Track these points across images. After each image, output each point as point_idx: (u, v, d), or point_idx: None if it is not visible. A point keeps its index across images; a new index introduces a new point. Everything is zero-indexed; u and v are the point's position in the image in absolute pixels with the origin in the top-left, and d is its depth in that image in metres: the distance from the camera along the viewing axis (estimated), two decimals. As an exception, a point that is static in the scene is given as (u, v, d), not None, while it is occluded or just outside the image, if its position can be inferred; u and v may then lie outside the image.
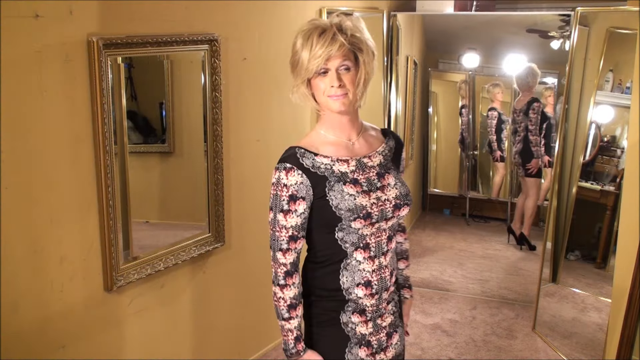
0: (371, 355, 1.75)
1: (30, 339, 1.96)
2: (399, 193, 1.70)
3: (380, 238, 1.69)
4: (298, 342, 1.70)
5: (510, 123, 4.44)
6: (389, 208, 1.67)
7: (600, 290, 3.59)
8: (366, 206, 1.63)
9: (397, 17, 4.14)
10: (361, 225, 1.63)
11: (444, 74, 4.69)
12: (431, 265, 4.58)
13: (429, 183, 4.93)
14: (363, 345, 1.73)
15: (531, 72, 4.20)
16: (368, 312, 1.72)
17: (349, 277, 1.68)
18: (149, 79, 2.49)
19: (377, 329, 1.75)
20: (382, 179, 1.69)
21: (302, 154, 1.64)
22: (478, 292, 4.21)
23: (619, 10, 3.43)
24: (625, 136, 3.37)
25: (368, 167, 1.69)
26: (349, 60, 1.60)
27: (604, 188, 3.55)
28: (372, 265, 1.68)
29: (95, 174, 2.09)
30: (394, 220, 1.71)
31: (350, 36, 1.60)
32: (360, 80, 1.62)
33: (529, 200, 4.40)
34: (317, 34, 1.59)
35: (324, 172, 1.63)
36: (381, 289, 1.72)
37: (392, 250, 1.75)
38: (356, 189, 1.63)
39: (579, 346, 3.39)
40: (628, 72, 3.35)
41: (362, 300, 1.70)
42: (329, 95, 1.61)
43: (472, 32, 4.45)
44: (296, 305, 1.68)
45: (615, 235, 3.18)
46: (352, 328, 1.72)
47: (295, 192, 1.61)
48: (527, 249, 4.51)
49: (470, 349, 3.43)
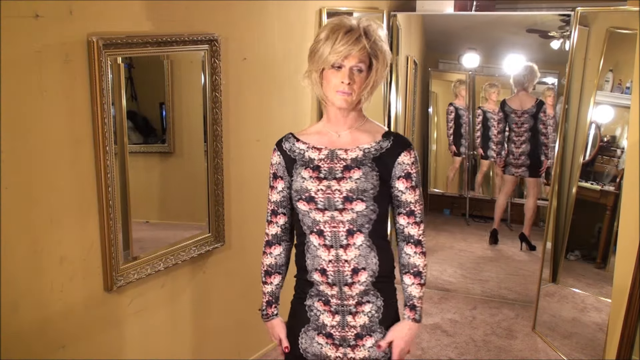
0: (332, 346, 1.81)
1: (30, 339, 1.96)
2: (355, 187, 1.72)
3: (337, 229, 1.73)
4: (269, 307, 1.90)
5: (500, 122, 4.43)
6: (338, 198, 1.72)
7: (600, 290, 3.59)
8: (310, 190, 1.73)
9: (397, 17, 4.14)
10: (305, 208, 1.74)
11: (444, 74, 4.69)
12: (431, 265, 4.58)
13: (429, 183, 4.93)
14: (321, 334, 1.81)
15: (530, 71, 4.19)
16: (333, 305, 1.79)
17: (310, 260, 1.78)
18: (149, 79, 2.49)
19: (344, 325, 1.80)
20: (346, 172, 1.73)
21: (287, 138, 1.83)
22: (478, 292, 4.21)
23: (619, 10, 3.43)
24: (625, 136, 3.37)
25: (339, 159, 1.75)
26: (364, 63, 1.69)
27: (604, 188, 3.55)
28: (328, 254, 1.75)
29: (95, 174, 2.09)
30: (350, 214, 1.72)
31: (372, 42, 1.69)
32: (369, 85, 1.72)
33: (530, 200, 4.40)
34: (344, 31, 1.68)
35: (297, 156, 1.78)
36: (339, 282, 1.76)
37: (356, 246, 1.74)
38: (311, 174, 1.74)
39: (579, 346, 3.39)
40: (628, 72, 3.35)
41: (321, 287, 1.79)
42: (336, 90, 1.70)
43: (472, 32, 4.45)
44: (272, 273, 1.88)
45: (615, 235, 3.18)
46: (316, 314, 1.82)
47: (275, 170, 1.82)
48: (527, 248, 4.51)
49: (470, 349, 3.43)
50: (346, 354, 1.81)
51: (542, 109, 4.23)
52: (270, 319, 1.91)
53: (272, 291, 1.89)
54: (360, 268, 1.75)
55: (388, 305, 1.82)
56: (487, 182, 4.71)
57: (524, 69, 4.22)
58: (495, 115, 4.47)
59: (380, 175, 1.75)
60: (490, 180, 4.68)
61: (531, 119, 4.28)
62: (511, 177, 4.44)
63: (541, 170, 4.32)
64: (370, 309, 1.79)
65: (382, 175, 1.75)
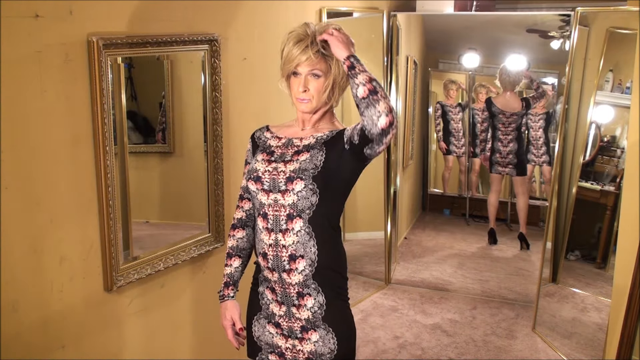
0: (282, 337, 1.87)
1: (30, 339, 1.95)
2: (298, 167, 1.76)
3: (279, 213, 1.78)
4: (226, 288, 1.96)
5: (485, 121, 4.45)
6: (282, 179, 1.77)
7: (600, 290, 3.59)
8: (259, 170, 1.82)
9: (397, 17, 4.14)
10: (254, 188, 1.82)
11: (444, 74, 4.69)
12: (431, 265, 4.58)
13: (429, 183, 4.93)
14: (271, 323, 1.89)
15: (520, 72, 4.22)
16: (278, 292, 1.84)
17: (257, 244, 1.86)
18: (149, 79, 2.49)
19: (290, 316, 1.84)
20: (295, 155, 1.79)
21: (261, 128, 1.96)
22: (478, 292, 4.22)
23: (619, 10, 3.44)
24: (625, 136, 3.37)
25: (293, 145, 1.83)
26: (319, 68, 1.76)
27: (604, 188, 3.55)
28: (269, 238, 1.80)
29: (95, 174, 2.09)
30: (291, 196, 1.75)
31: (322, 47, 1.74)
32: (328, 87, 1.77)
33: (520, 200, 4.42)
34: (293, 40, 1.76)
35: (260, 143, 1.91)
36: (278, 267, 1.80)
37: (294, 232, 1.75)
38: (264, 157, 1.84)
39: (579, 346, 3.39)
40: (628, 72, 3.35)
41: (265, 272, 1.85)
42: (295, 97, 1.82)
43: (472, 32, 4.45)
44: (232, 256, 1.95)
45: (615, 235, 3.18)
46: (266, 303, 1.89)
47: (247, 157, 1.96)
48: (525, 248, 4.52)
49: (470, 349, 3.43)
50: (295, 345, 1.85)
51: (530, 107, 4.26)
52: (225, 300, 1.96)
53: (231, 273, 1.95)
54: (297, 255, 1.77)
55: (331, 304, 1.81)
56: (486, 182, 4.71)
57: (512, 70, 4.24)
58: (480, 114, 4.49)
59: (327, 156, 1.75)
60: (488, 179, 4.69)
61: (519, 118, 4.30)
62: (497, 176, 4.46)
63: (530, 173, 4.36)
64: (313, 304, 1.80)
65: (328, 156, 1.75)
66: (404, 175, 4.58)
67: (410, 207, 4.88)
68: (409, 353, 3.36)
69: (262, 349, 1.93)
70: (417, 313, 3.87)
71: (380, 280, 4.35)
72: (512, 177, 4.45)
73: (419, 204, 5.00)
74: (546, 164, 4.36)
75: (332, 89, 1.79)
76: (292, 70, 1.78)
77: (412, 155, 4.70)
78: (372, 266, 4.41)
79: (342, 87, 1.82)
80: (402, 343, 3.47)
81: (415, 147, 4.74)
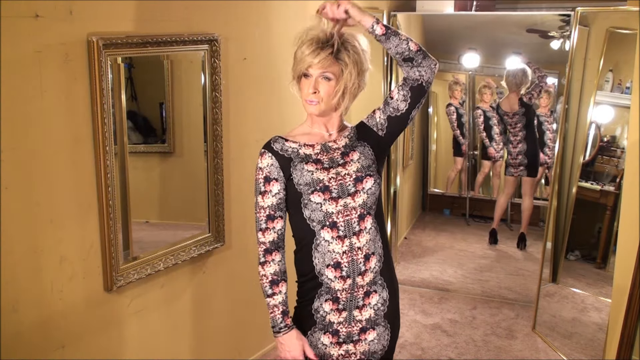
0: (336, 344, 1.80)
1: (30, 339, 1.96)
2: (360, 166, 1.76)
3: (350, 217, 1.73)
4: (286, 317, 1.77)
5: (499, 124, 4.45)
6: (350, 182, 1.73)
7: (600, 290, 3.59)
8: (323, 179, 1.72)
9: (397, 17, 4.14)
10: (321, 199, 1.71)
11: (444, 74, 4.69)
12: (431, 265, 4.58)
13: (429, 183, 4.93)
14: (328, 332, 1.79)
15: (524, 74, 4.22)
16: (342, 300, 1.77)
17: (320, 259, 1.74)
18: (149, 79, 2.49)
19: (350, 320, 1.79)
20: (346, 157, 1.77)
21: (275, 139, 1.80)
22: (478, 292, 4.21)
23: (619, 10, 3.43)
24: (625, 136, 3.37)
25: (332, 149, 1.79)
26: (331, 71, 1.71)
27: (604, 188, 3.55)
28: (342, 245, 1.72)
29: (95, 174, 2.09)
30: (361, 196, 1.74)
31: (336, 50, 1.70)
32: (339, 92, 1.72)
33: (526, 200, 4.42)
34: (307, 41, 1.71)
35: (291, 154, 1.76)
36: (353, 272, 1.74)
37: (367, 231, 1.75)
38: (316, 167, 1.75)
39: (579, 346, 3.39)
40: (628, 72, 3.35)
41: (334, 283, 1.74)
42: (305, 99, 1.75)
43: (472, 32, 4.45)
44: (278, 282, 1.77)
45: (615, 235, 3.18)
46: (322, 315, 1.78)
47: (268, 173, 1.77)
48: (522, 248, 4.52)
49: (470, 349, 3.43)
50: (348, 350, 1.82)
51: (528, 105, 4.26)
52: (290, 330, 1.77)
53: (284, 300, 1.77)
54: (370, 253, 1.76)
55: (393, 296, 1.84)
56: (487, 182, 4.71)
57: (518, 71, 4.24)
58: (494, 115, 4.49)
59: (373, 149, 1.80)
60: (490, 180, 4.68)
61: (522, 118, 4.30)
62: (511, 178, 4.45)
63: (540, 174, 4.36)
64: (377, 301, 1.80)
65: (372, 147, 1.80)
66: (404, 175, 4.58)
67: (410, 207, 4.88)
68: (409, 353, 3.36)
69: None
70: (417, 313, 3.87)
71: (380, 280, 4.35)
72: (521, 177, 4.45)
73: (419, 204, 5.00)
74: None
75: (343, 94, 1.73)
76: (303, 71, 1.73)
77: (412, 155, 4.69)
78: (372, 266, 4.40)
79: (354, 93, 1.76)
80: (402, 343, 3.47)
81: (415, 147, 4.74)
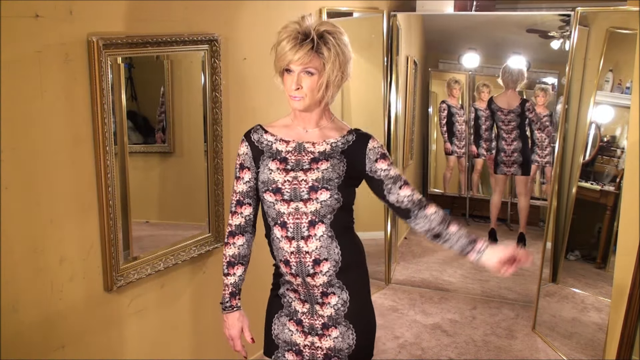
0: (302, 334, 1.86)
1: (30, 339, 1.96)
2: (321, 177, 1.75)
3: (300, 221, 1.75)
4: (233, 298, 1.89)
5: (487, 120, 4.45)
6: (304, 188, 1.75)
7: (600, 290, 3.59)
8: (278, 181, 1.76)
9: (397, 17, 4.14)
10: (272, 199, 1.77)
11: (444, 74, 4.69)
12: (431, 265, 4.58)
13: (429, 183, 4.93)
14: (293, 320, 1.88)
15: (521, 70, 4.23)
16: (301, 293, 1.83)
17: (276, 252, 1.82)
18: (149, 79, 2.49)
19: (313, 313, 1.84)
20: (314, 163, 1.77)
21: (255, 129, 1.85)
22: (478, 292, 4.21)
23: (619, 10, 3.43)
24: (625, 136, 3.37)
25: (306, 152, 1.78)
26: (312, 66, 1.71)
27: (604, 188, 3.55)
28: (290, 246, 1.77)
29: (95, 174, 2.09)
30: (314, 204, 1.75)
31: (316, 44, 1.71)
32: (322, 86, 1.72)
33: (522, 200, 4.42)
34: (287, 37, 1.73)
35: (264, 147, 1.81)
36: (301, 272, 1.79)
37: (317, 238, 1.76)
38: (278, 166, 1.77)
39: (579, 346, 3.39)
40: (628, 72, 3.35)
41: (287, 277, 1.84)
42: (288, 94, 1.76)
43: (472, 32, 4.45)
44: (234, 264, 1.87)
45: (615, 235, 3.18)
46: (288, 301, 1.88)
47: (243, 161, 1.84)
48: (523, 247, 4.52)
49: (470, 349, 3.43)
50: (314, 342, 1.86)
51: (525, 108, 4.26)
52: (233, 310, 1.90)
53: (235, 282, 1.89)
54: (322, 259, 1.77)
55: (355, 298, 1.83)
56: (487, 182, 4.71)
57: (513, 68, 4.24)
58: (484, 113, 4.49)
59: (348, 166, 1.78)
60: (489, 179, 4.68)
61: (517, 117, 4.30)
62: (502, 176, 4.45)
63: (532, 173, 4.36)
64: (336, 302, 1.82)
65: (349, 166, 1.79)
66: (404, 175, 4.58)
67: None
68: (409, 353, 3.36)
69: (279, 347, 1.92)
70: (417, 313, 3.87)
71: (380, 280, 4.35)
72: (515, 176, 4.45)
73: (419, 204, 4.99)
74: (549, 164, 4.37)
75: (327, 87, 1.74)
76: (285, 67, 1.74)
77: (412, 155, 4.69)
78: (372, 266, 4.38)
79: (337, 84, 1.77)
80: (402, 343, 3.47)
81: (415, 147, 4.74)
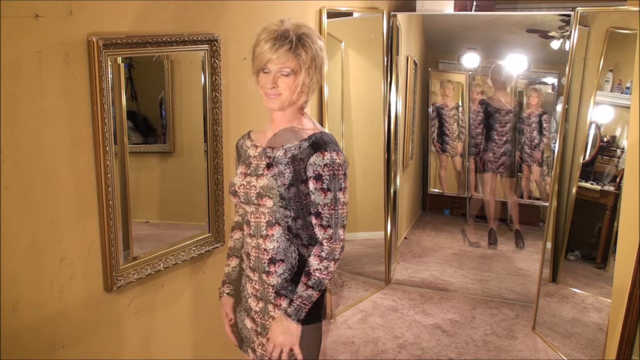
0: (255, 333, 1.91)
1: (30, 339, 1.96)
2: (266, 184, 1.79)
3: (260, 220, 1.83)
4: (222, 285, 2.08)
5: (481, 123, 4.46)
6: (253, 194, 1.82)
7: (600, 290, 3.59)
8: (235, 184, 1.89)
9: (397, 17, 4.14)
10: (235, 201, 1.92)
11: (444, 74, 4.69)
12: (431, 265, 4.58)
13: (429, 183, 4.93)
14: (249, 317, 1.95)
15: (509, 72, 4.25)
16: (258, 289, 1.89)
17: (244, 244, 1.94)
18: (149, 79, 2.49)
19: (265, 312, 1.87)
20: (266, 169, 1.81)
21: (245, 135, 1.99)
22: (478, 292, 4.22)
23: (619, 10, 3.44)
24: (625, 136, 3.37)
25: (266, 156, 1.84)
26: (289, 66, 1.74)
27: (604, 188, 3.55)
28: (252, 242, 1.87)
29: (95, 174, 2.09)
30: (262, 209, 1.81)
31: (294, 47, 1.73)
32: (297, 87, 1.76)
33: (512, 198, 4.44)
34: (265, 38, 1.76)
35: (242, 152, 1.95)
36: (258, 268, 1.85)
37: (274, 239, 1.80)
38: (242, 170, 1.89)
39: (579, 346, 3.39)
40: (628, 72, 3.35)
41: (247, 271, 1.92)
42: (264, 93, 1.80)
43: (472, 32, 4.45)
44: (230, 256, 2.08)
45: (615, 235, 3.18)
46: (245, 296, 1.96)
47: (235, 165, 2.00)
48: (521, 246, 4.53)
49: (470, 349, 3.43)
50: (263, 344, 1.89)
51: (523, 109, 4.27)
52: (221, 295, 2.07)
53: (228, 272, 2.08)
54: (278, 259, 1.81)
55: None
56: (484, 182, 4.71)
57: (503, 69, 4.26)
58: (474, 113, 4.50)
59: (295, 175, 1.77)
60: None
61: (514, 118, 4.31)
62: (490, 174, 4.46)
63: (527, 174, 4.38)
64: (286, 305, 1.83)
65: (295, 174, 1.77)
66: (404, 175, 4.58)
67: (410, 207, 4.88)
68: (409, 353, 3.36)
69: (244, 341, 2.00)
70: (417, 313, 3.87)
71: (380, 280, 4.35)
72: (501, 177, 4.47)
73: (418, 204, 5.00)
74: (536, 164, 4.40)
75: (302, 89, 1.78)
76: (262, 66, 1.77)
77: (412, 155, 4.70)
78: (372, 266, 4.41)
79: (312, 88, 1.80)
80: (402, 343, 3.47)
81: (415, 147, 4.74)
